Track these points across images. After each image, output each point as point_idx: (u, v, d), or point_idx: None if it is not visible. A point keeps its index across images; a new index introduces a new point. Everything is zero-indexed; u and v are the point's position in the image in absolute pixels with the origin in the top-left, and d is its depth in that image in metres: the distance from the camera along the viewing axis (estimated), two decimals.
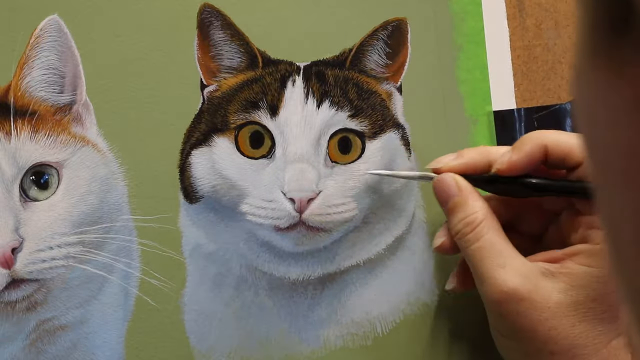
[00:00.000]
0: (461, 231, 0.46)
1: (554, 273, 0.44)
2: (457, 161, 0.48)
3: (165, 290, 0.50)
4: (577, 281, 0.43)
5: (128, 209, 0.50)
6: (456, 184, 0.47)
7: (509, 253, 0.44)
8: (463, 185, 0.46)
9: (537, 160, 0.45)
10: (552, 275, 0.44)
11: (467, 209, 0.46)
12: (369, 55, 0.52)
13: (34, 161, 0.47)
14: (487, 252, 0.44)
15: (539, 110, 0.56)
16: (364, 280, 0.52)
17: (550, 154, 0.45)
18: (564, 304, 0.43)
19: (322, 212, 0.49)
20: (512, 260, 0.44)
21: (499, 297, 0.44)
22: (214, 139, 0.50)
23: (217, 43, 0.51)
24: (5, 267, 0.45)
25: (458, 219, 0.46)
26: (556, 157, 0.45)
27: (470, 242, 0.45)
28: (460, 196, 0.46)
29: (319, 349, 0.51)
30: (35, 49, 0.48)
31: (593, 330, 0.43)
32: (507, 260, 0.44)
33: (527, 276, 0.43)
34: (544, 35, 0.57)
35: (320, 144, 0.50)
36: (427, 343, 0.52)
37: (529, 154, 0.45)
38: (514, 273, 0.43)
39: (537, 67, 0.56)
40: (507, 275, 0.43)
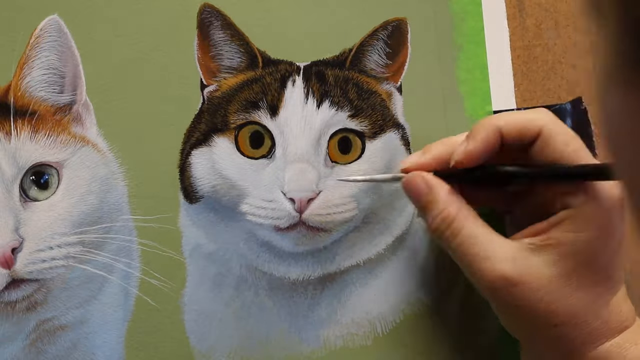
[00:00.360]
0: (438, 228, 0.45)
1: (541, 246, 0.43)
2: (423, 158, 0.47)
3: (165, 290, 0.50)
4: (565, 249, 0.43)
5: (128, 209, 0.50)
6: (424, 181, 0.46)
7: (490, 240, 0.44)
8: (432, 182, 0.45)
9: (493, 143, 0.44)
10: (539, 249, 0.43)
11: (439, 205, 0.45)
12: (369, 55, 0.52)
13: (34, 161, 0.47)
14: (468, 245, 0.44)
15: None
16: (364, 280, 0.52)
17: (505, 135, 0.44)
18: (556, 276, 0.43)
19: (322, 212, 0.49)
20: (496, 247, 0.43)
21: (490, 287, 0.43)
22: (214, 139, 0.50)
23: (217, 43, 0.51)
24: (5, 267, 0.45)
25: (433, 217, 0.45)
26: (512, 136, 0.44)
27: (449, 240, 0.44)
28: (430, 193, 0.45)
29: (319, 349, 0.52)
30: (35, 49, 0.48)
31: (590, 294, 0.43)
32: (490, 248, 0.43)
33: (514, 259, 0.43)
34: (544, 35, 0.57)
35: (320, 144, 0.50)
36: (427, 343, 0.52)
37: (484, 140, 0.44)
38: (500, 260, 0.43)
39: (537, 67, 0.56)
40: (493, 264, 0.43)
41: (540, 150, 0.44)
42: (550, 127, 0.44)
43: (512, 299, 0.43)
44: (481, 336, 0.52)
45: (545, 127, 0.44)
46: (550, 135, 0.43)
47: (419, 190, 0.46)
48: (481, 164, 0.45)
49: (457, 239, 0.44)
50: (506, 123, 0.44)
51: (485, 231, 0.44)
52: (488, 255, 0.43)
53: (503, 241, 0.44)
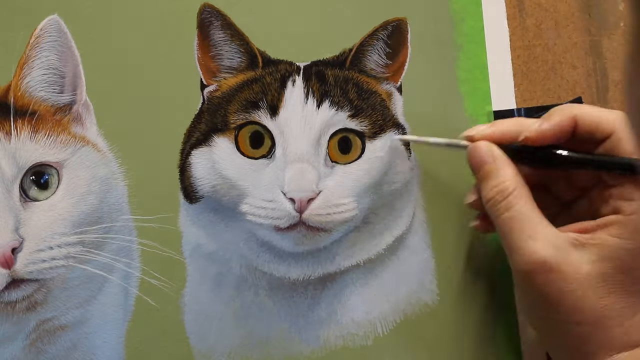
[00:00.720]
0: (493, 199, 0.46)
1: (584, 244, 0.44)
2: (491, 129, 0.47)
3: (165, 290, 0.50)
4: (607, 252, 0.43)
5: (128, 209, 0.50)
6: (490, 151, 0.46)
7: (539, 223, 0.44)
8: (497, 154, 0.46)
9: (566, 130, 0.45)
10: (582, 246, 0.44)
11: (500, 177, 0.46)
12: (369, 55, 0.52)
13: (34, 161, 0.47)
14: (518, 222, 0.44)
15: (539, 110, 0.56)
16: (364, 280, 0.52)
17: (579, 126, 0.45)
18: (592, 275, 0.43)
19: (322, 212, 0.49)
20: (543, 231, 0.44)
21: (528, 268, 0.43)
22: (214, 139, 0.50)
23: (217, 43, 0.51)
24: (5, 267, 0.45)
25: (490, 187, 0.46)
26: (585, 128, 0.45)
27: (501, 211, 0.45)
28: (494, 164, 0.46)
29: (319, 349, 0.52)
30: (35, 49, 0.48)
31: (620, 302, 0.43)
32: (537, 230, 0.44)
33: (557, 247, 0.43)
34: (544, 35, 0.57)
35: (320, 143, 0.50)
36: (427, 343, 0.52)
37: (558, 123, 0.45)
38: (544, 243, 0.43)
39: (537, 67, 0.56)
40: (536, 245, 0.43)
41: (609, 149, 0.45)
42: (623, 132, 0.44)
43: (544, 285, 0.43)
44: (481, 336, 0.52)
45: (620, 129, 0.44)
46: (623, 137, 0.44)
47: (484, 158, 0.46)
48: None
49: (508, 212, 0.45)
50: (583, 114, 0.45)
51: (536, 213, 0.45)
52: (534, 235, 0.44)
53: (551, 228, 0.44)
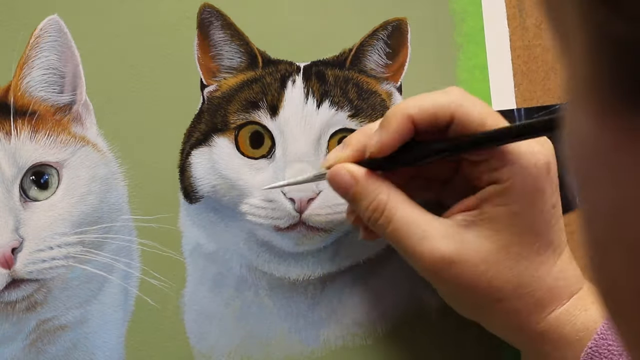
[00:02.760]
0: (372, 217, 0.44)
1: (475, 221, 0.43)
2: (344, 152, 0.45)
3: (165, 290, 0.50)
4: (499, 223, 0.42)
5: (128, 209, 0.50)
6: (349, 173, 0.44)
7: (424, 221, 0.43)
8: (357, 173, 0.44)
9: (406, 132, 0.43)
10: (473, 225, 0.42)
11: (369, 195, 0.44)
12: (369, 55, 0.52)
13: (34, 161, 0.47)
14: (403, 229, 0.43)
15: (539, 110, 0.56)
16: (364, 280, 0.52)
17: (417, 123, 0.43)
18: (494, 249, 0.42)
19: (322, 212, 0.49)
20: (430, 227, 0.43)
21: (430, 268, 0.43)
22: (214, 139, 0.50)
23: (217, 43, 0.51)
24: (5, 267, 0.45)
25: (364, 208, 0.44)
26: (425, 123, 0.43)
27: (384, 226, 0.43)
28: (358, 184, 0.44)
29: (319, 348, 0.51)
30: (35, 49, 0.48)
31: (532, 263, 0.43)
32: (425, 229, 0.42)
33: (450, 236, 0.42)
34: (544, 35, 0.56)
35: (320, 143, 0.50)
36: (427, 343, 0.52)
37: (396, 129, 0.43)
38: (436, 239, 0.42)
39: (537, 67, 0.56)
40: (430, 244, 0.42)
41: (457, 132, 0.43)
42: (462, 110, 0.43)
43: (453, 278, 0.42)
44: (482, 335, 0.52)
45: (458, 110, 0.43)
46: (465, 117, 0.42)
47: (345, 182, 0.44)
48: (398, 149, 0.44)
49: (391, 224, 0.43)
50: (418, 110, 0.43)
51: (418, 212, 0.43)
52: (424, 235, 0.42)
53: (437, 220, 0.43)
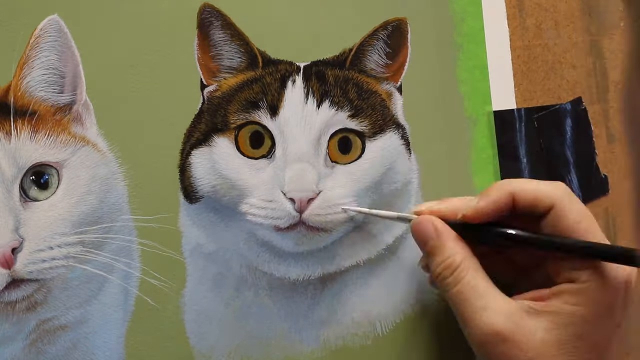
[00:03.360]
0: (441, 274, 0.46)
1: (539, 312, 0.44)
2: (438, 206, 0.47)
3: (165, 290, 0.50)
4: (562, 319, 0.43)
5: (128, 209, 0.50)
6: (433, 226, 0.46)
7: (490, 293, 0.44)
8: (441, 228, 0.46)
9: (504, 206, 0.45)
10: (536, 314, 0.43)
11: (445, 252, 0.45)
12: (369, 55, 0.52)
13: (34, 161, 0.47)
14: (468, 295, 0.44)
15: (539, 110, 0.56)
16: (364, 280, 0.52)
17: (517, 201, 0.45)
18: (548, 342, 0.43)
19: (322, 212, 0.49)
20: (493, 301, 0.44)
21: (482, 340, 0.43)
22: (214, 139, 0.50)
23: (217, 43, 0.51)
24: (5, 267, 0.45)
25: (437, 263, 0.46)
26: (524, 204, 0.45)
27: (450, 286, 0.45)
28: (438, 239, 0.46)
29: (319, 348, 0.52)
30: (35, 49, 0.48)
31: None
32: (488, 301, 0.44)
33: (510, 316, 0.43)
34: (544, 35, 0.57)
35: (320, 143, 0.50)
36: (427, 343, 0.52)
37: (495, 200, 0.45)
38: (496, 314, 0.43)
39: (537, 67, 0.56)
40: (488, 317, 0.43)
41: (551, 224, 0.44)
42: (564, 203, 0.44)
43: (500, 355, 0.43)
44: None
45: (559, 202, 0.44)
46: (563, 211, 0.44)
47: (428, 234, 0.46)
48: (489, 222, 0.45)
49: (457, 286, 0.45)
50: (521, 190, 0.45)
51: (487, 284, 0.45)
52: (485, 307, 0.43)
53: (503, 297, 0.44)
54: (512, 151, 0.55)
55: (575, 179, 0.57)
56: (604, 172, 0.58)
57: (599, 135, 0.57)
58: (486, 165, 0.55)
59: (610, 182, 0.58)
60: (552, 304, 0.44)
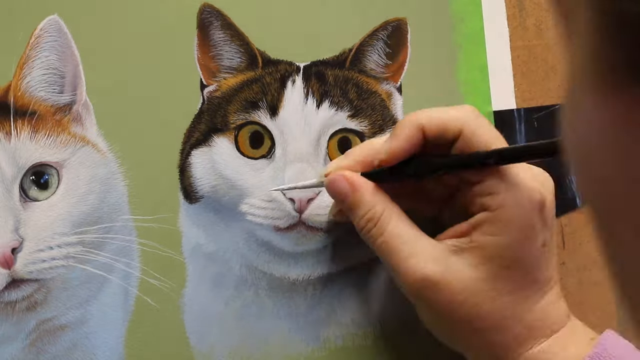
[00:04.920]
0: (365, 228, 0.45)
1: (464, 249, 0.43)
2: (345, 161, 0.46)
3: (165, 290, 0.50)
4: (486, 252, 0.42)
5: (128, 209, 0.50)
6: (348, 181, 0.45)
7: (415, 239, 0.43)
8: (355, 182, 0.45)
9: (416, 142, 0.44)
10: (462, 252, 0.43)
11: (365, 205, 0.45)
12: (369, 55, 0.52)
13: (34, 161, 0.47)
14: (393, 243, 0.43)
15: (539, 110, 0.56)
16: (364, 280, 0.52)
17: (427, 132, 0.44)
18: (479, 279, 0.42)
19: (322, 212, 0.49)
20: (419, 246, 0.43)
21: (413, 287, 0.43)
22: (214, 139, 0.50)
23: (217, 43, 0.51)
24: (5, 267, 0.45)
25: (359, 217, 0.45)
26: (434, 133, 0.44)
27: (374, 237, 0.44)
28: (355, 194, 0.45)
29: (318, 348, 0.52)
30: (35, 49, 0.48)
31: (515, 297, 0.43)
32: (414, 247, 0.43)
33: (437, 259, 0.43)
34: (544, 35, 0.57)
35: (320, 144, 0.50)
36: (427, 343, 0.52)
37: (406, 137, 0.44)
38: (423, 259, 0.43)
39: (537, 67, 0.56)
40: (417, 263, 0.43)
41: (461, 149, 0.44)
42: (471, 127, 0.43)
43: (434, 300, 0.43)
44: None
45: (466, 125, 0.43)
46: (472, 134, 0.43)
47: (343, 190, 0.45)
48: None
49: (381, 237, 0.44)
50: (428, 120, 0.44)
51: (411, 230, 0.44)
52: (412, 254, 0.43)
53: (427, 241, 0.44)
54: None
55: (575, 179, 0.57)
56: None
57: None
58: None
59: None
60: (474, 238, 0.43)
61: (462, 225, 0.44)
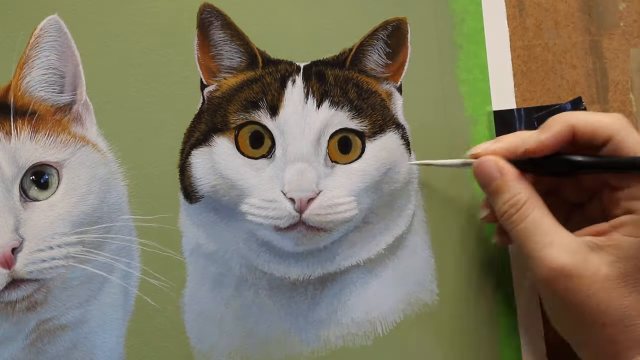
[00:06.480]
0: (506, 212, 0.46)
1: (601, 246, 0.44)
2: (495, 145, 0.48)
3: (165, 290, 0.50)
4: (624, 252, 0.44)
5: (128, 209, 0.50)
6: (497, 166, 0.47)
7: (555, 230, 0.45)
8: (504, 167, 0.47)
9: (565, 139, 0.46)
10: (599, 249, 0.44)
11: (510, 191, 0.46)
12: (369, 55, 0.52)
13: (34, 161, 0.47)
14: (533, 231, 0.45)
15: (539, 110, 0.56)
16: (364, 280, 0.52)
17: (577, 133, 0.45)
18: (612, 276, 0.43)
19: (322, 212, 0.49)
20: (559, 237, 0.44)
21: (547, 275, 0.44)
22: (214, 139, 0.50)
23: (217, 43, 0.51)
24: (5, 267, 0.45)
25: (502, 201, 0.47)
26: (583, 135, 0.45)
27: (515, 223, 0.46)
28: (502, 179, 0.47)
29: (319, 348, 0.51)
30: (35, 49, 0.48)
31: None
32: (554, 237, 0.44)
33: (574, 252, 0.44)
34: (544, 35, 0.57)
35: (320, 143, 0.50)
36: (427, 343, 0.52)
37: (556, 133, 0.46)
38: (561, 250, 0.44)
39: (537, 67, 0.56)
40: (554, 253, 0.44)
41: (610, 153, 0.45)
42: (622, 135, 0.45)
43: (565, 291, 0.44)
44: (481, 335, 0.52)
45: (617, 133, 0.45)
46: (621, 142, 0.44)
47: (491, 174, 0.47)
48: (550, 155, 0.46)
49: (523, 223, 0.45)
50: (580, 122, 0.46)
51: (551, 221, 0.45)
52: (551, 243, 0.44)
53: (566, 234, 0.45)
54: None
55: None
56: None
57: None
58: None
59: None
60: (613, 237, 0.44)
61: (601, 225, 0.45)
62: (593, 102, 0.57)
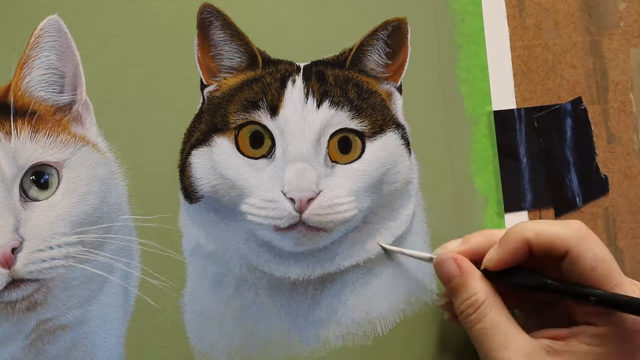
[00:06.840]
0: (464, 312, 0.46)
1: (559, 351, 0.44)
2: (462, 247, 0.48)
3: (165, 290, 0.50)
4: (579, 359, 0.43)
5: (128, 209, 0.50)
6: (457, 264, 0.47)
7: (512, 332, 0.45)
8: (464, 266, 0.47)
9: (521, 253, 0.45)
10: (555, 353, 0.44)
11: (469, 290, 0.46)
12: (369, 55, 0.52)
13: (34, 161, 0.47)
14: (490, 332, 0.45)
15: (539, 110, 0.56)
16: (364, 280, 0.52)
17: (533, 248, 0.45)
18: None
19: (322, 212, 0.49)
20: (514, 340, 0.44)
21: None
22: (214, 139, 0.50)
23: (217, 43, 0.51)
24: (5, 267, 0.45)
25: (461, 300, 0.47)
26: (539, 250, 0.45)
27: (473, 323, 0.46)
28: (461, 277, 0.47)
29: (319, 348, 0.52)
30: (35, 49, 0.48)
31: None
32: (509, 339, 0.44)
33: (530, 355, 0.44)
34: (544, 35, 0.57)
35: (320, 143, 0.50)
36: (427, 343, 0.52)
37: (512, 250, 0.45)
38: (516, 353, 0.44)
39: (537, 67, 0.56)
40: (509, 355, 0.44)
41: (568, 267, 0.44)
42: (577, 250, 0.44)
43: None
44: None
45: (573, 248, 0.44)
46: (577, 257, 0.44)
47: (451, 272, 0.47)
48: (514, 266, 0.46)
49: (480, 324, 0.45)
50: (535, 236, 0.45)
51: (509, 322, 0.45)
52: (506, 345, 0.44)
53: (523, 336, 0.45)
54: (512, 151, 0.55)
55: (575, 178, 0.57)
56: (604, 172, 0.58)
57: (599, 135, 0.57)
58: (486, 165, 0.55)
59: (610, 182, 0.58)
60: (571, 343, 0.44)
61: (561, 330, 0.45)
62: (593, 102, 0.57)
